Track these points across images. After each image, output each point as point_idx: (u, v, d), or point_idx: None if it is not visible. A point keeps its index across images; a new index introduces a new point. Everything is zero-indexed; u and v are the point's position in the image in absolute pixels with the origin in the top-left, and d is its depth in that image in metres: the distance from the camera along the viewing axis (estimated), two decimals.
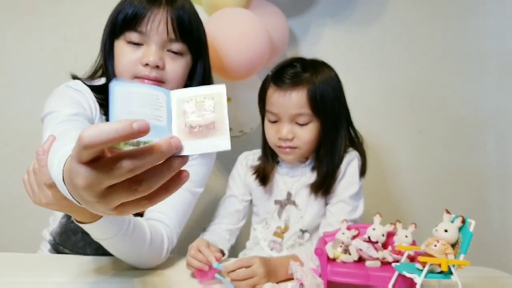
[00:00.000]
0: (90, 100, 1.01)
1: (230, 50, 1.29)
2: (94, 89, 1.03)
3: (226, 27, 1.31)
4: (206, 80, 1.08)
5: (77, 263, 1.04)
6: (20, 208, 1.57)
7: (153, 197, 0.49)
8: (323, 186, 1.11)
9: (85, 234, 0.88)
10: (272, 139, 1.14)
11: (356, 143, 1.18)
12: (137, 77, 0.98)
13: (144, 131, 0.42)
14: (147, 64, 0.97)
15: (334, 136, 1.12)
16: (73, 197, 0.51)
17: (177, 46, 1.00)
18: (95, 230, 0.85)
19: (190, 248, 0.98)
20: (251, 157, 1.24)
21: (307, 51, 1.73)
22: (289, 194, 1.15)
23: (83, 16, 1.66)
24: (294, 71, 1.12)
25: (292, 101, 1.09)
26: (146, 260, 0.99)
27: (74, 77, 1.07)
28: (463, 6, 1.76)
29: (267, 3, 1.51)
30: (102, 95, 1.02)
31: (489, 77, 1.78)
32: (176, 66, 1.00)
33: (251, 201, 1.23)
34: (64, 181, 0.52)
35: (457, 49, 1.77)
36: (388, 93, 1.77)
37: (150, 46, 0.98)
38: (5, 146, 1.70)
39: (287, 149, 1.11)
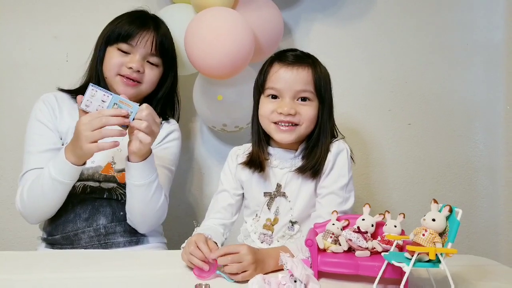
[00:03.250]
0: (55, 105, 1.31)
1: (212, 49, 1.31)
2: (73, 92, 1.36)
3: (207, 27, 1.33)
4: (173, 88, 1.42)
5: (73, 257, 1.05)
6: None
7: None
8: (311, 165, 1.11)
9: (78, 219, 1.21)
10: (269, 116, 1.12)
11: (336, 137, 1.19)
12: (121, 75, 1.29)
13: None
14: (131, 68, 1.28)
15: (328, 121, 1.15)
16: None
17: (154, 59, 1.33)
18: (137, 171, 1.15)
19: (189, 244, 0.97)
20: (241, 151, 1.24)
21: (297, 44, 1.74)
22: (278, 186, 1.15)
23: (73, 14, 1.65)
24: (297, 54, 1.16)
25: (298, 76, 1.11)
26: (152, 219, 1.24)
27: (60, 90, 1.36)
28: None
29: None
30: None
31: (477, 69, 1.80)
32: (152, 74, 1.33)
33: (243, 195, 1.23)
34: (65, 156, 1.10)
35: (445, 42, 1.79)
36: (377, 86, 1.78)
37: (135, 56, 1.30)
38: None
39: (287, 127, 1.11)
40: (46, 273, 0.93)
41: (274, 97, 1.13)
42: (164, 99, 1.41)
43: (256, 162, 1.16)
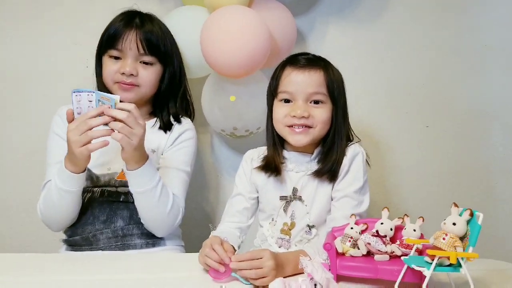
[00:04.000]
0: None
1: (229, 47, 1.30)
2: None
3: (225, 24, 1.32)
4: (175, 83, 1.39)
5: (91, 259, 1.08)
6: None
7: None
8: (328, 169, 1.12)
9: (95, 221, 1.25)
10: (282, 120, 1.13)
11: (351, 141, 1.20)
12: (117, 82, 1.29)
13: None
14: (123, 73, 1.27)
15: (343, 124, 1.15)
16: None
17: (147, 58, 1.30)
18: (136, 179, 1.16)
19: (204, 246, 0.98)
20: (256, 154, 1.24)
21: (313, 49, 1.74)
22: (295, 190, 1.16)
23: (93, 21, 1.67)
24: (309, 57, 1.17)
25: (310, 78, 1.12)
26: (165, 223, 1.24)
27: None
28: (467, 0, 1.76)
29: (272, 0, 1.51)
30: None
31: (495, 71, 1.77)
32: (147, 73, 1.31)
33: (258, 198, 1.24)
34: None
35: (461, 43, 1.77)
36: (393, 88, 1.77)
37: (126, 59, 1.29)
38: (18, 151, 1.74)
39: (301, 129, 1.11)
40: (64, 276, 0.95)
41: (287, 101, 1.14)
42: (174, 98, 1.39)
43: (271, 166, 1.17)
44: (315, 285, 0.73)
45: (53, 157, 1.28)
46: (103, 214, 1.26)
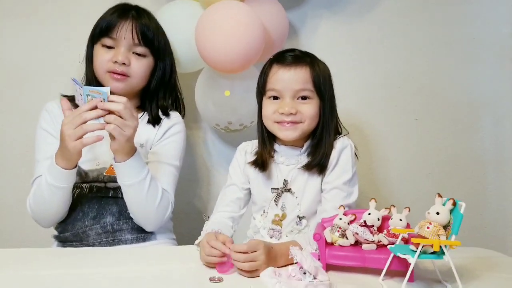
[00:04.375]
0: (58, 113, 1.31)
1: (224, 43, 1.32)
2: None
3: (220, 20, 1.33)
4: (165, 78, 1.39)
5: (82, 254, 1.09)
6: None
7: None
8: (317, 162, 1.14)
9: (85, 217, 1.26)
10: (271, 116, 1.16)
11: (340, 134, 1.22)
12: (109, 71, 1.29)
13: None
14: (116, 62, 1.28)
15: (330, 118, 1.17)
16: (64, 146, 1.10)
17: (140, 49, 1.32)
18: (124, 170, 1.17)
19: (203, 247, 0.99)
20: (250, 147, 1.27)
21: (304, 43, 1.75)
22: (285, 182, 1.18)
23: (84, 16, 1.68)
24: (295, 54, 1.19)
25: (296, 75, 1.14)
26: (154, 217, 1.25)
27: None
28: None
29: None
30: None
31: (484, 63, 1.80)
32: (139, 64, 1.32)
33: (250, 189, 1.26)
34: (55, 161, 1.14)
35: (451, 36, 1.79)
36: (383, 81, 1.79)
37: (119, 48, 1.29)
38: (12, 149, 1.74)
39: (289, 125, 1.14)
40: (55, 270, 0.96)
41: (276, 97, 1.16)
42: (163, 92, 1.40)
43: (259, 162, 1.20)
44: (304, 273, 0.75)
45: (42, 153, 1.28)
46: (92, 210, 1.27)
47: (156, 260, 1.05)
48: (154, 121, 1.36)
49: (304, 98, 1.15)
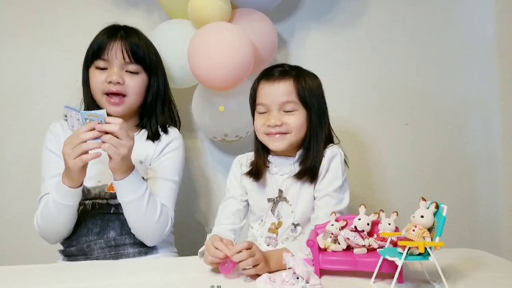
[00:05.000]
0: (61, 133, 1.38)
1: (214, 63, 1.38)
2: None
3: (210, 41, 1.39)
4: (160, 92, 1.43)
5: (87, 268, 1.14)
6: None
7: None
8: (307, 170, 1.19)
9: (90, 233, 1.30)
10: (261, 129, 1.22)
11: (333, 143, 1.27)
12: (105, 93, 1.34)
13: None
14: (110, 82, 1.32)
15: (319, 127, 1.22)
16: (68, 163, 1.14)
17: (132, 67, 1.36)
18: (123, 188, 1.21)
19: (208, 248, 1.04)
20: (244, 159, 1.32)
21: (294, 54, 1.81)
22: (280, 191, 1.23)
23: (82, 36, 1.71)
24: (282, 69, 1.25)
25: (279, 89, 1.20)
26: (154, 232, 1.28)
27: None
28: None
29: (252, 10, 1.58)
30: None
31: (470, 66, 1.85)
32: (134, 82, 1.36)
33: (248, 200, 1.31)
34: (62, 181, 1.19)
35: (438, 41, 1.84)
36: (373, 89, 1.84)
37: (112, 69, 1.34)
38: (14, 164, 1.78)
39: (277, 136, 1.20)
40: (65, 284, 1.00)
41: (264, 111, 1.22)
42: (160, 109, 1.43)
43: (253, 172, 1.26)
44: (297, 278, 0.80)
45: (47, 172, 1.33)
46: (95, 226, 1.31)
47: (158, 271, 1.08)
48: (154, 136, 1.40)
49: (290, 110, 1.20)
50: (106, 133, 1.13)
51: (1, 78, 1.77)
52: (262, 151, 1.27)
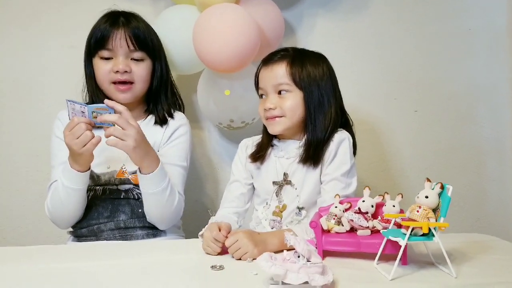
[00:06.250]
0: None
1: (219, 45, 1.37)
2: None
3: (215, 22, 1.38)
4: (164, 76, 1.42)
5: (96, 248, 1.16)
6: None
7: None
8: (309, 155, 1.18)
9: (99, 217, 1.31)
10: (261, 113, 1.24)
11: (346, 126, 1.25)
12: (112, 82, 1.33)
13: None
14: (117, 71, 1.31)
15: (318, 109, 1.20)
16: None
17: (138, 54, 1.35)
18: (148, 181, 1.23)
19: (206, 240, 1.05)
20: (250, 142, 1.32)
21: (302, 41, 1.80)
22: (285, 175, 1.23)
23: (89, 24, 1.73)
24: (283, 53, 1.24)
25: (273, 72, 1.20)
26: (169, 218, 1.32)
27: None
28: None
29: None
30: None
31: (480, 54, 1.83)
32: (140, 69, 1.35)
33: (253, 184, 1.31)
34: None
35: (447, 28, 1.82)
36: (382, 75, 1.83)
37: (117, 58, 1.33)
38: (24, 154, 1.79)
39: (273, 119, 1.20)
40: (73, 263, 1.02)
41: (264, 96, 1.23)
42: (165, 94, 1.42)
43: (256, 154, 1.26)
44: (298, 256, 0.79)
45: (57, 159, 1.35)
46: (106, 210, 1.33)
47: (162, 252, 1.10)
48: (161, 121, 1.40)
49: (284, 92, 1.20)
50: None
51: (6, 67, 1.78)
52: (268, 135, 1.27)
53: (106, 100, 1.15)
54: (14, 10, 1.77)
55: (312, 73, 1.20)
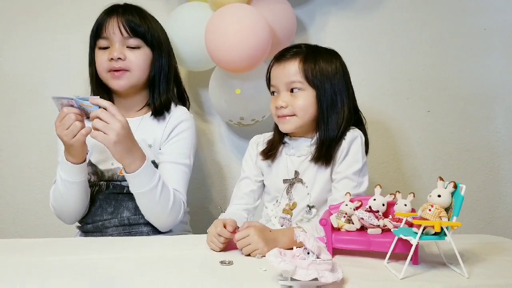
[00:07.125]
0: None
1: (231, 45, 1.37)
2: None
3: (228, 23, 1.38)
4: (164, 68, 1.38)
5: (103, 242, 1.16)
6: None
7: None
8: (321, 154, 1.17)
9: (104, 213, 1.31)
10: (272, 111, 1.23)
11: (359, 124, 1.24)
12: (108, 70, 1.32)
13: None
14: (112, 59, 1.31)
15: (331, 107, 1.18)
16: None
17: (132, 41, 1.33)
18: (134, 180, 1.20)
19: (210, 235, 1.04)
20: (261, 139, 1.32)
21: (314, 39, 1.79)
22: (296, 173, 1.22)
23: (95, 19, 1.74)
24: (296, 50, 1.23)
25: (285, 70, 1.19)
26: (166, 219, 1.28)
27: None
28: None
29: None
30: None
31: (495, 53, 1.79)
32: (135, 56, 1.33)
33: (263, 181, 1.30)
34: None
35: (461, 27, 1.80)
36: (395, 74, 1.81)
37: (113, 46, 1.32)
38: (34, 147, 1.83)
39: (285, 118, 1.19)
40: (80, 255, 1.03)
41: (275, 93, 1.22)
42: (165, 86, 1.38)
43: (267, 152, 1.26)
44: (308, 253, 0.79)
45: (61, 155, 1.32)
46: (110, 206, 1.33)
47: (171, 246, 1.10)
48: (157, 113, 1.36)
49: (296, 90, 1.18)
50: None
51: (9, 64, 1.81)
52: (279, 132, 1.26)
53: (90, 98, 1.13)
54: (23, 5, 1.78)
55: (325, 69, 1.19)
